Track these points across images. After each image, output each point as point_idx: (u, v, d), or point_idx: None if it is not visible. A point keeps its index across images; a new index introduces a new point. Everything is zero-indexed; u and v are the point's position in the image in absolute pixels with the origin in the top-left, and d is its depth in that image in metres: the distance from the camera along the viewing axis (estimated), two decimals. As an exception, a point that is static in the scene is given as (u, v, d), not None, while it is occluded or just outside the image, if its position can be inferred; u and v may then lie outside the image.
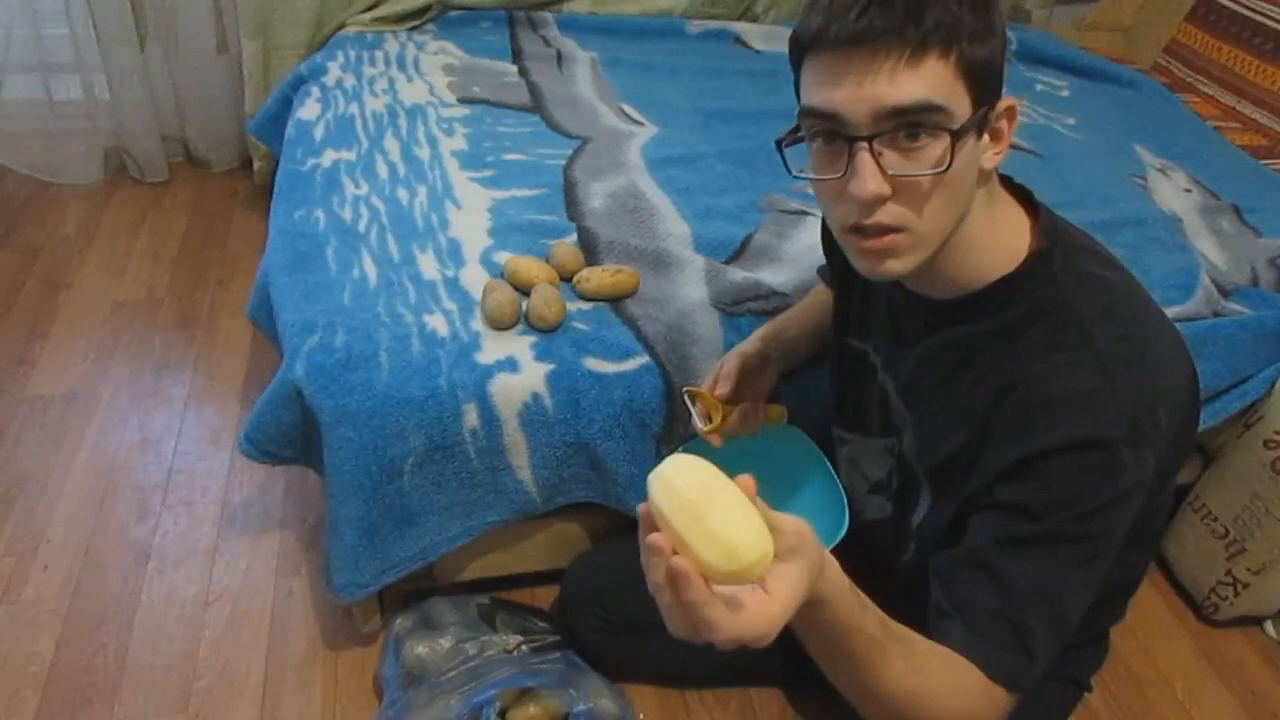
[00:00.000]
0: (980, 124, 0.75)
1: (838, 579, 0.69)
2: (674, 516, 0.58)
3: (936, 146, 0.72)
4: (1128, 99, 2.15)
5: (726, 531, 0.57)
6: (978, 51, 0.72)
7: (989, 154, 0.78)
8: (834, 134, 0.74)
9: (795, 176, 0.80)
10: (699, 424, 1.07)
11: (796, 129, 0.78)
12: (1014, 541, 0.78)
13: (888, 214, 0.75)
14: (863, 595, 0.72)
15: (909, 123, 0.71)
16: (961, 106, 0.73)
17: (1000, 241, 0.82)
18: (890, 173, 0.73)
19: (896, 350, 0.95)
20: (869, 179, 0.72)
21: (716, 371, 1.11)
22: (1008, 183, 0.87)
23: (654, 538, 0.60)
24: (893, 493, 1.01)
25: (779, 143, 0.80)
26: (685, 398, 1.11)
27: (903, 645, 0.74)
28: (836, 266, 1.09)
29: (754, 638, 0.61)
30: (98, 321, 1.92)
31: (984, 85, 0.74)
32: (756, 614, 0.61)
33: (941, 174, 0.72)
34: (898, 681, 0.74)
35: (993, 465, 0.80)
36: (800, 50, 0.75)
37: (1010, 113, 0.78)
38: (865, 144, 0.72)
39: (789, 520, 0.64)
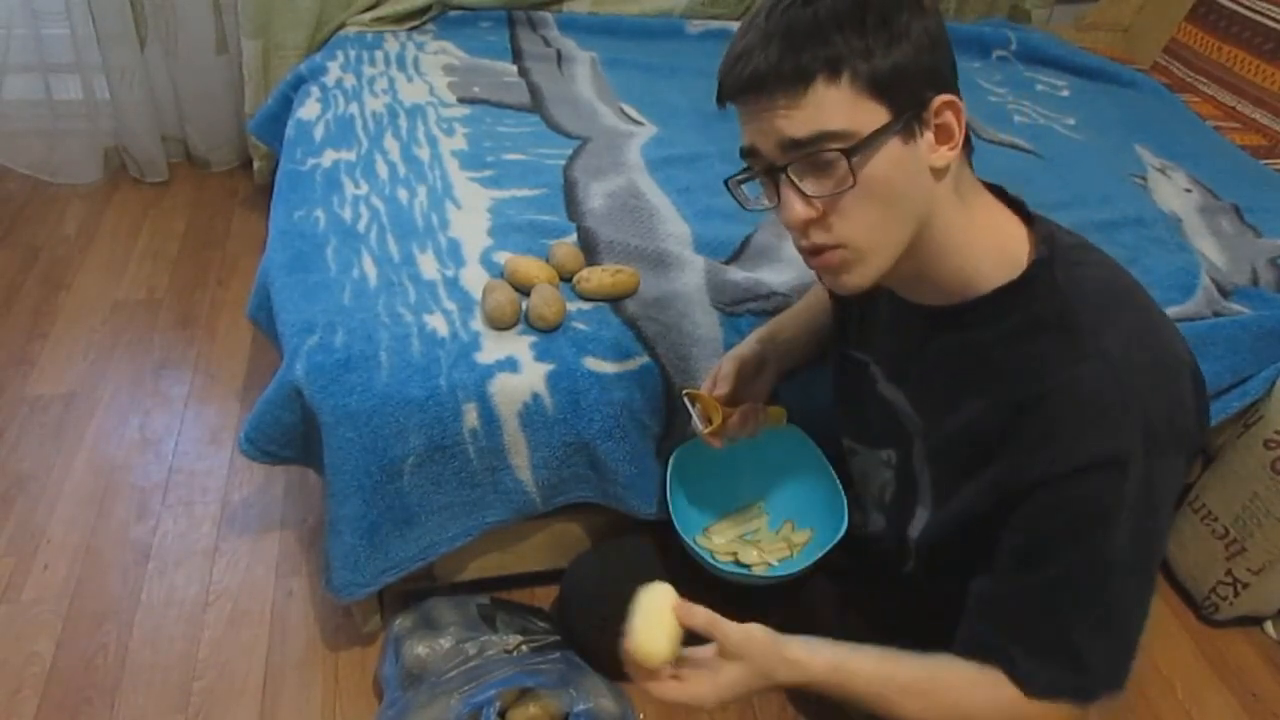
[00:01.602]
0: (905, 129, 0.75)
1: (806, 666, 0.83)
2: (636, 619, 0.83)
3: (842, 163, 0.75)
4: (1128, 99, 2.15)
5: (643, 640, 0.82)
6: (879, 64, 0.73)
7: (940, 152, 0.77)
8: (765, 169, 0.80)
9: (750, 211, 0.87)
10: (699, 426, 1.07)
11: (747, 168, 0.83)
12: (1045, 566, 0.79)
13: (820, 234, 0.78)
14: (851, 661, 0.83)
15: (808, 154, 0.75)
16: (871, 119, 0.74)
17: (988, 245, 0.82)
18: (810, 194, 0.76)
19: (901, 361, 0.94)
20: (792, 205, 0.77)
21: (715, 373, 1.11)
22: (999, 193, 0.86)
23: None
24: (886, 505, 1.00)
25: (727, 183, 0.85)
26: (685, 400, 1.10)
27: (907, 691, 0.82)
28: None
29: (689, 701, 0.84)
30: (97, 321, 1.92)
31: (900, 92, 0.74)
32: (690, 688, 0.83)
33: (853, 188, 0.75)
34: (914, 715, 0.83)
35: (1010, 485, 0.80)
36: (719, 101, 0.81)
37: (951, 106, 0.77)
38: (782, 173, 0.77)
39: (737, 631, 0.82)
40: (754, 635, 0.82)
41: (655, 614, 0.82)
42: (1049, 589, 0.79)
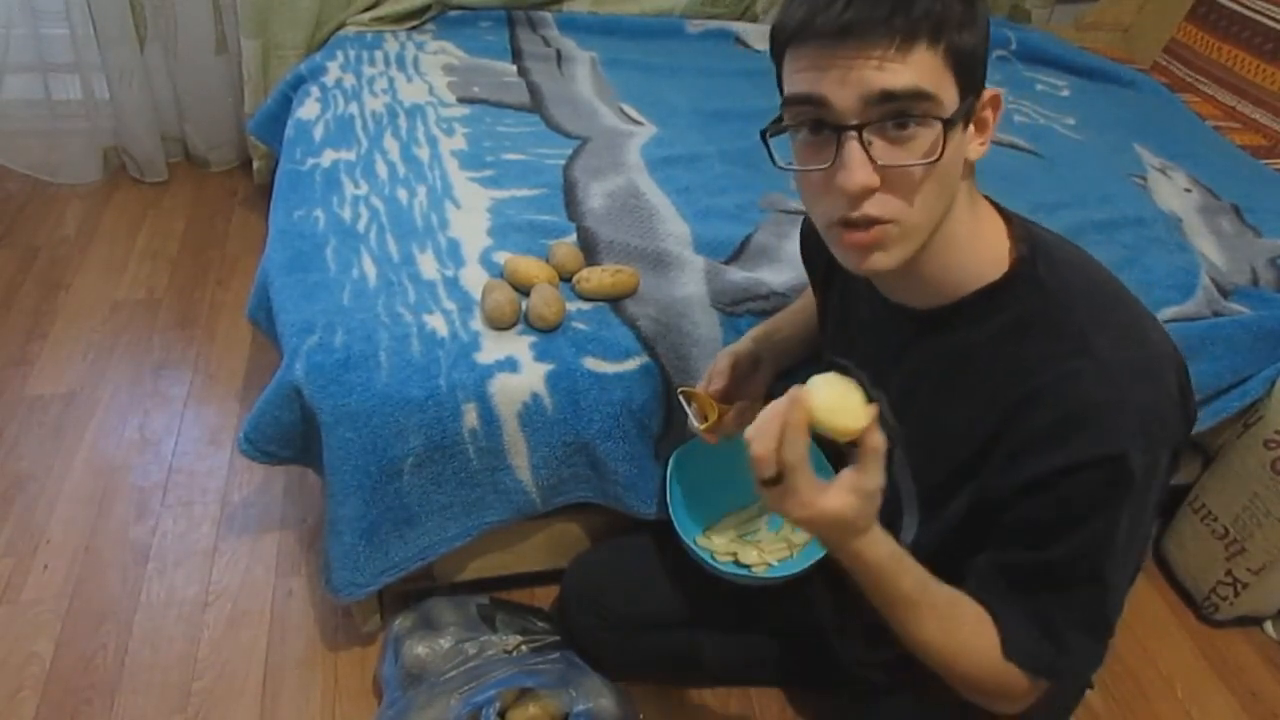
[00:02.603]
0: (968, 114, 0.74)
1: (880, 542, 0.80)
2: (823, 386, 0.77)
3: (928, 135, 0.71)
4: (1128, 99, 2.15)
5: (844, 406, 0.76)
6: (965, 40, 0.71)
7: (974, 145, 0.77)
8: (820, 124, 0.72)
9: (781, 168, 0.78)
10: (695, 423, 1.07)
11: (780, 119, 0.76)
12: (1035, 551, 0.80)
13: (876, 205, 0.73)
14: (906, 560, 0.81)
15: (899, 110, 0.70)
16: (950, 95, 0.72)
17: (982, 243, 0.81)
18: (880, 163, 0.71)
19: (882, 366, 0.94)
20: (858, 169, 0.71)
21: (710, 370, 1.11)
22: None
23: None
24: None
25: (764, 133, 0.78)
26: (680, 398, 1.11)
27: (938, 608, 0.82)
28: (818, 280, 1.08)
29: (798, 496, 0.76)
30: (97, 321, 1.92)
31: (970, 74, 0.73)
32: (811, 486, 0.75)
33: (933, 164, 0.71)
34: (929, 635, 0.82)
35: (1006, 483, 0.80)
36: (784, 40, 0.74)
37: (995, 102, 0.77)
38: (854, 133, 0.70)
39: (875, 479, 0.76)
40: (876, 497, 0.77)
41: (850, 400, 0.76)
42: (1045, 570, 0.80)
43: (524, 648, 1.26)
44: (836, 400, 0.75)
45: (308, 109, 1.75)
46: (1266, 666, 1.46)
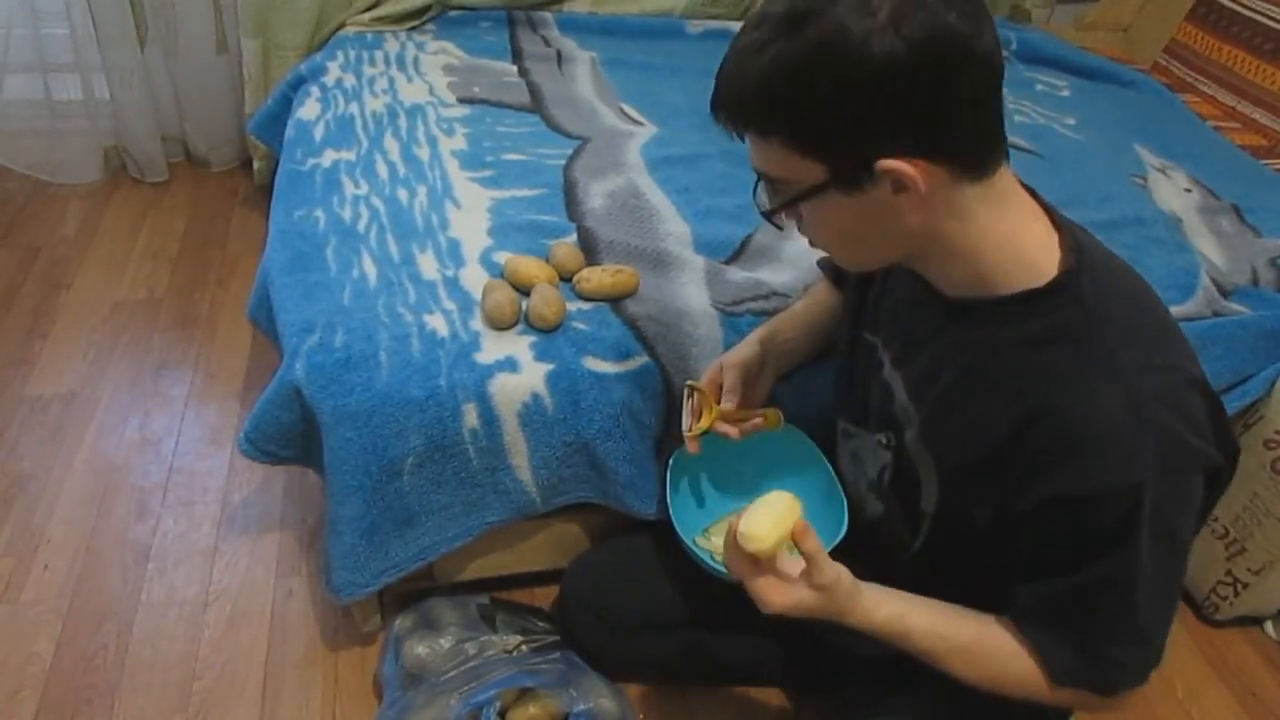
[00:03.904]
0: (846, 184, 0.76)
1: (873, 615, 0.88)
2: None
3: (803, 207, 0.80)
4: (1128, 99, 2.15)
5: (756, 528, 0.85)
6: (807, 128, 0.74)
7: (899, 200, 0.76)
8: None
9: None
10: (685, 424, 1.08)
11: None
12: (1062, 576, 0.82)
13: (804, 230, 0.85)
14: (910, 617, 0.88)
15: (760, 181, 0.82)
16: (808, 174, 0.77)
17: (1006, 253, 0.81)
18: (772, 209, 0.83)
19: (910, 347, 0.94)
20: (763, 202, 0.84)
21: (715, 375, 1.12)
22: (1034, 195, 0.86)
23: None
24: (885, 488, 1.01)
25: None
26: (686, 391, 1.12)
27: (964, 649, 0.88)
28: None
29: (758, 596, 0.87)
30: (97, 321, 1.92)
31: (833, 153, 0.75)
32: (765, 588, 0.86)
33: (800, 220, 0.83)
34: (962, 674, 0.89)
35: (1016, 496, 0.81)
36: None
37: (894, 172, 0.73)
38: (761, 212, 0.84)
39: (831, 570, 0.85)
40: (842, 579, 0.86)
41: (777, 513, 0.85)
42: (1072, 595, 0.82)
43: (524, 648, 1.26)
44: (763, 526, 0.84)
45: (308, 109, 1.75)
46: (1266, 666, 1.46)
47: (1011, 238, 0.81)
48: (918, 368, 0.93)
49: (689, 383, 1.13)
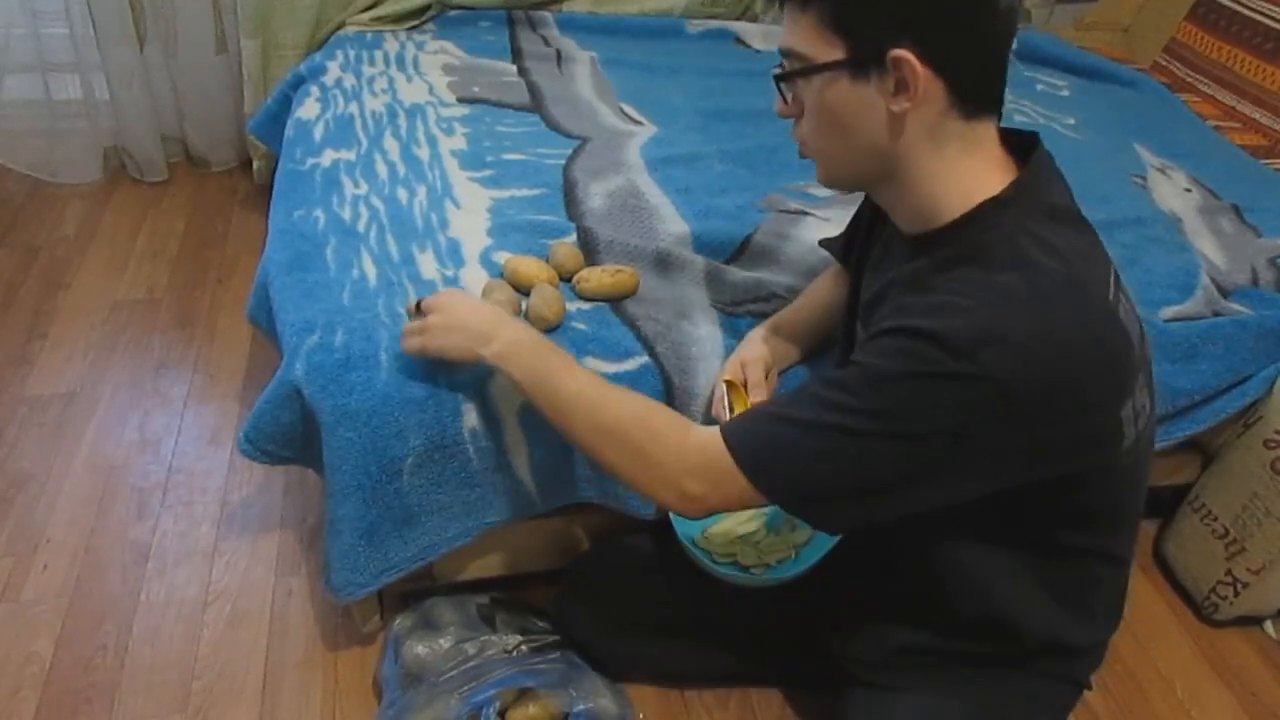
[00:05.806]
0: (857, 70, 0.80)
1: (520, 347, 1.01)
2: None
3: (805, 85, 0.85)
4: (1128, 99, 2.15)
5: None
6: (840, 5, 0.79)
7: (895, 100, 0.80)
8: None
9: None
10: (723, 418, 1.09)
11: None
12: (818, 391, 0.84)
13: (798, 130, 0.90)
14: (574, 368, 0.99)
15: (786, 62, 0.86)
16: (827, 53, 0.81)
17: (957, 187, 0.83)
18: (785, 99, 0.89)
19: (874, 294, 0.97)
20: (777, 101, 0.90)
21: (738, 372, 1.14)
22: (1022, 143, 0.87)
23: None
24: None
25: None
26: (723, 386, 1.14)
27: (608, 397, 0.96)
28: (865, 216, 1.13)
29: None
30: (97, 321, 1.92)
31: (858, 35, 0.80)
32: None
33: (802, 105, 0.86)
34: (597, 416, 0.95)
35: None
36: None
37: (904, 63, 0.78)
38: (774, 76, 0.88)
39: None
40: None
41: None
42: (795, 395, 0.86)
43: (524, 648, 1.26)
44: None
45: (308, 109, 1.75)
46: (1266, 666, 1.46)
47: (966, 178, 0.83)
48: (869, 294, 0.97)
49: (725, 378, 1.14)
